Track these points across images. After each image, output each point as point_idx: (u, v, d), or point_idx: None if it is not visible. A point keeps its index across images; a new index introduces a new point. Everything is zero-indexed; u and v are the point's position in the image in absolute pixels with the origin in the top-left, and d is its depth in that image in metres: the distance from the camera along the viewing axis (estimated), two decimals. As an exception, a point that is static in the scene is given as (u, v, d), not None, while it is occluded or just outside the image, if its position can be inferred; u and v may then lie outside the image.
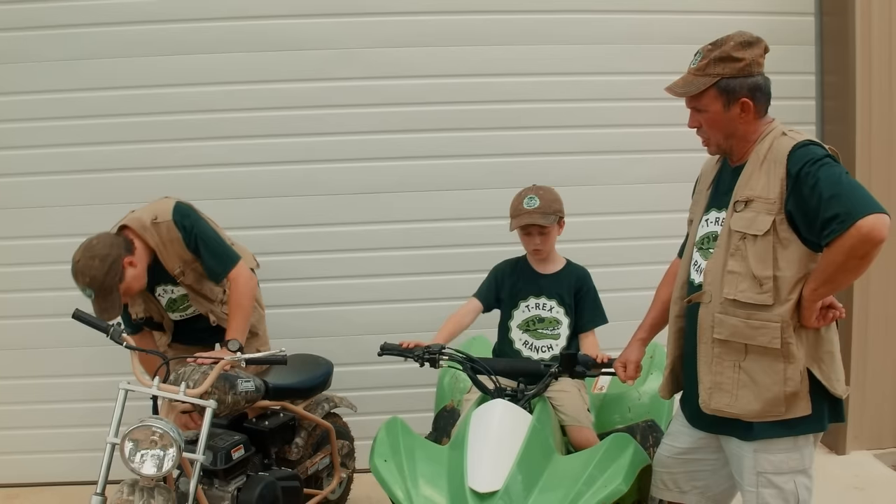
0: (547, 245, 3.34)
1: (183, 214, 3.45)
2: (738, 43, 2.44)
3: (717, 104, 2.47)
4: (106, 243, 3.27)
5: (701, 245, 2.61)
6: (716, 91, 2.46)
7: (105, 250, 3.24)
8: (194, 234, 3.44)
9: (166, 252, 3.44)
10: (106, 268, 3.21)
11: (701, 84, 2.47)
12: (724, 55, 2.43)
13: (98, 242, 3.27)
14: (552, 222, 3.26)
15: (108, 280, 3.22)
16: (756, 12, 4.60)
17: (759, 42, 2.47)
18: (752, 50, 2.44)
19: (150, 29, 4.44)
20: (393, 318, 4.62)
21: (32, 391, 4.64)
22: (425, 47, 4.53)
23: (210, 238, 3.49)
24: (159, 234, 3.41)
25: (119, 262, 3.26)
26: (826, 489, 3.97)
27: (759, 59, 2.46)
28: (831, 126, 4.70)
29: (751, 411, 2.43)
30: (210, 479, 3.17)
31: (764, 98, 2.49)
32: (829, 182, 2.26)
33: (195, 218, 3.49)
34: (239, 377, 3.18)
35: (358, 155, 4.56)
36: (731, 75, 2.43)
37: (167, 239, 3.42)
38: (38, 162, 4.50)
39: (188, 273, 3.51)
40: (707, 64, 2.46)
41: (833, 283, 2.32)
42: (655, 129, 4.60)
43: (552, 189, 3.34)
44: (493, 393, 2.92)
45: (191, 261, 3.49)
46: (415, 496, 2.50)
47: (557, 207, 3.28)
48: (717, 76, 2.44)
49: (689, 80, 2.51)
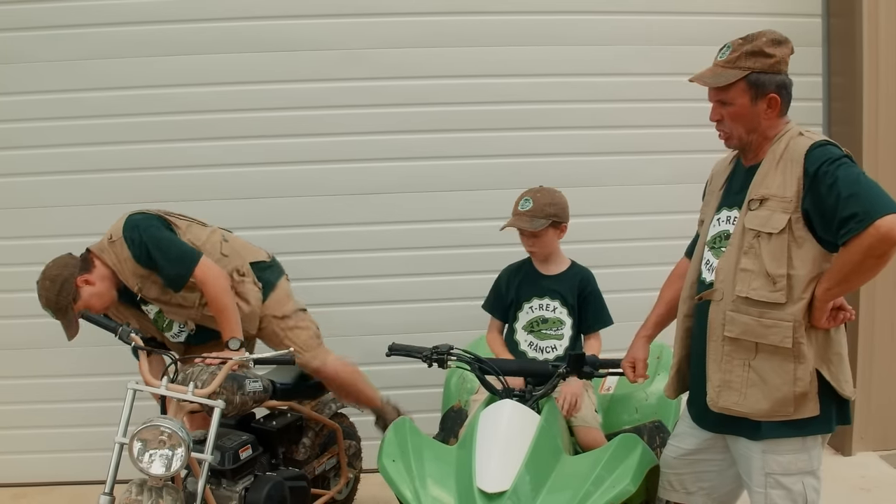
0: (539, 247, 3.33)
1: (132, 227, 3.34)
2: (771, 40, 2.45)
3: (744, 97, 2.47)
4: (59, 264, 3.29)
5: (713, 244, 2.61)
6: (745, 84, 2.46)
7: (56, 271, 3.26)
8: (144, 244, 3.31)
9: (123, 270, 3.35)
10: (57, 288, 3.22)
11: (731, 76, 2.46)
12: (757, 49, 2.44)
13: (52, 265, 3.29)
14: (538, 227, 3.23)
15: (61, 300, 3.23)
16: (764, 14, 4.59)
17: (787, 42, 2.48)
18: (782, 48, 2.46)
19: (152, 29, 4.45)
20: (401, 318, 4.64)
21: (40, 391, 4.65)
22: (432, 48, 4.54)
23: (162, 242, 3.34)
24: (115, 253, 3.35)
25: (70, 282, 3.24)
26: (832, 491, 3.97)
27: (786, 59, 2.47)
28: (838, 128, 4.70)
29: (759, 410, 2.43)
30: (218, 478, 3.17)
31: (788, 97, 2.50)
32: (847, 181, 2.26)
33: (144, 226, 3.35)
34: (247, 377, 3.19)
35: (366, 155, 4.57)
36: (761, 70, 2.44)
37: (122, 258, 3.34)
38: (39, 162, 4.51)
39: (148, 286, 3.40)
40: (738, 57, 2.45)
41: (847, 282, 2.33)
42: (665, 131, 4.61)
43: (555, 193, 3.32)
44: (502, 393, 2.93)
45: (147, 274, 3.37)
46: (423, 496, 2.50)
47: (552, 212, 3.25)
48: (748, 70, 2.44)
49: (717, 71, 2.50)
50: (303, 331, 3.67)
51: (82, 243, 3.31)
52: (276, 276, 3.72)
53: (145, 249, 3.31)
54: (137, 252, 3.31)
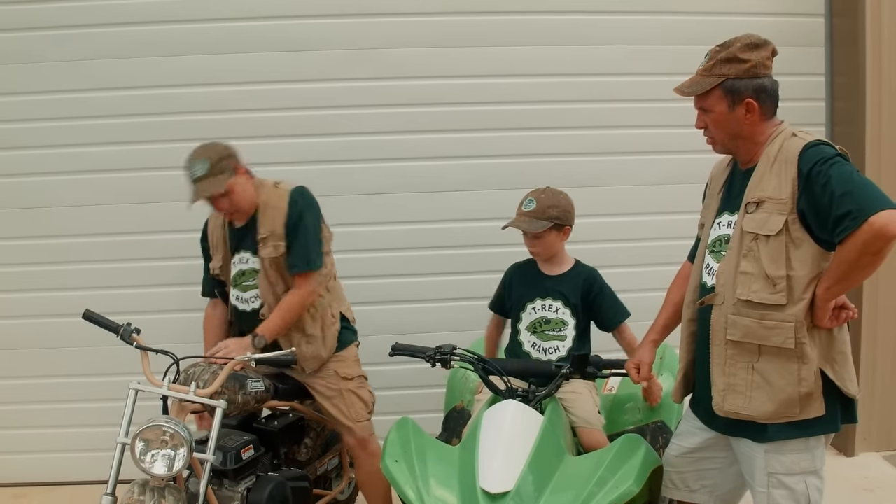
0: (541, 248, 3.31)
1: (302, 194, 3.41)
2: (745, 45, 2.46)
3: (722, 104, 2.49)
4: (227, 145, 3.37)
5: (713, 248, 2.62)
6: (721, 91, 2.48)
7: (223, 147, 3.34)
8: (301, 213, 3.36)
9: (266, 213, 3.38)
10: (226, 153, 3.32)
11: (707, 84, 2.49)
12: (731, 56, 2.45)
13: (218, 143, 3.37)
14: (538, 228, 3.21)
15: (224, 164, 3.29)
16: (766, 14, 4.59)
17: (766, 44, 2.48)
18: (758, 52, 2.46)
19: (158, 29, 4.46)
20: (404, 318, 4.65)
21: (42, 391, 4.65)
22: (436, 48, 4.54)
23: (314, 227, 3.40)
24: (270, 194, 3.40)
25: (234, 159, 3.34)
26: (835, 491, 3.95)
27: (765, 62, 2.47)
28: (841, 127, 4.69)
29: (764, 413, 2.43)
30: (220, 479, 3.17)
31: (770, 100, 2.50)
32: (840, 179, 2.27)
33: (310, 202, 3.42)
34: (248, 377, 3.18)
35: (370, 155, 4.58)
36: (736, 76, 2.45)
37: (275, 203, 3.37)
38: (44, 162, 4.52)
39: (269, 245, 3.38)
40: (714, 65, 2.48)
41: (846, 281, 2.32)
42: (668, 131, 4.60)
43: (560, 195, 3.30)
44: (505, 393, 2.92)
45: (279, 236, 3.37)
46: (426, 496, 2.49)
47: (554, 214, 3.22)
48: (723, 77, 2.46)
49: (695, 80, 2.53)
50: (359, 400, 3.61)
51: (89, 243, 3.31)
52: (352, 337, 3.70)
53: (299, 217, 3.36)
54: (290, 214, 3.37)
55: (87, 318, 3.15)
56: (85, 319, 3.14)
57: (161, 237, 4.54)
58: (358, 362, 3.66)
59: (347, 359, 3.59)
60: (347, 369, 3.57)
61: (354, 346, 3.68)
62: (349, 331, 3.66)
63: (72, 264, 4.55)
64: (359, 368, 3.65)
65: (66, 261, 4.53)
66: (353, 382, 3.58)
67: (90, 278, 4.54)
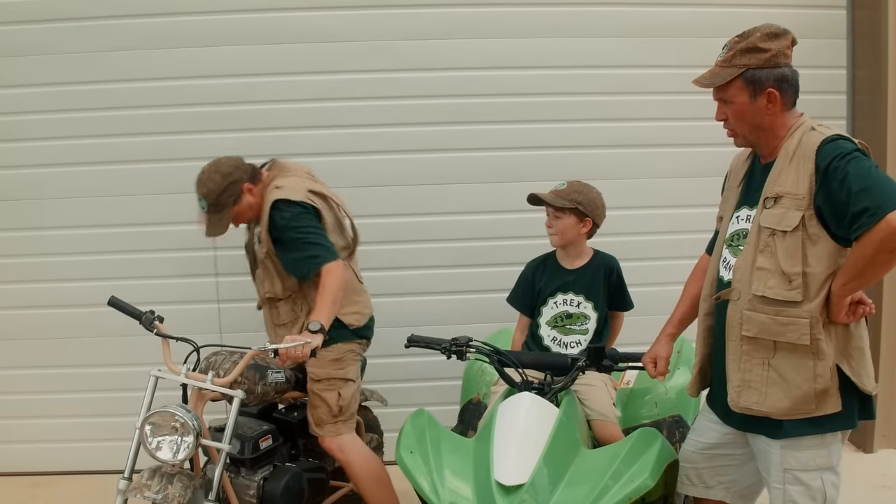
0: (556, 229, 3.30)
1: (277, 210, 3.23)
2: (765, 34, 2.43)
3: (743, 95, 2.46)
4: (233, 164, 3.30)
5: (731, 242, 2.60)
6: (742, 82, 2.45)
7: (229, 169, 3.27)
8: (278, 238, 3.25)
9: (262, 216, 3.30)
10: (225, 185, 3.23)
11: (727, 75, 2.46)
12: (751, 46, 2.43)
13: (226, 161, 3.31)
14: (559, 205, 3.23)
15: (223, 198, 3.24)
16: (788, 6, 4.55)
17: (785, 34, 2.45)
18: (778, 41, 2.43)
19: (168, 21, 4.45)
20: (420, 310, 4.65)
21: (60, 380, 4.69)
22: (451, 39, 4.53)
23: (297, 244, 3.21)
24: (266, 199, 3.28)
25: (238, 185, 3.27)
26: (853, 488, 3.94)
27: (785, 51, 2.45)
28: (862, 121, 4.65)
29: (780, 409, 2.42)
30: (237, 467, 3.20)
31: (791, 90, 2.47)
32: (858, 176, 2.24)
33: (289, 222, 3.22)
34: (269, 368, 3.20)
35: (384, 147, 4.58)
36: (757, 66, 2.43)
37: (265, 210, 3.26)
38: (61, 153, 4.52)
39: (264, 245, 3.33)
40: (733, 55, 2.46)
41: (862, 277, 2.30)
42: (686, 123, 4.59)
43: (592, 189, 3.32)
44: (520, 386, 2.93)
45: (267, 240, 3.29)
46: (440, 488, 2.50)
47: (578, 199, 3.24)
48: (744, 67, 2.44)
49: (715, 71, 2.51)
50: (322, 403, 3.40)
51: (96, 234, 3.31)
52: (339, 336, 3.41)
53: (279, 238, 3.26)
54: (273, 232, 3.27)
55: (112, 304, 3.20)
56: (110, 306, 3.19)
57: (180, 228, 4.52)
58: (338, 363, 3.40)
59: (322, 358, 3.31)
60: (318, 370, 3.37)
61: (342, 345, 3.42)
62: (338, 329, 3.38)
63: (89, 255, 4.56)
64: (335, 370, 3.39)
65: (85, 251, 4.54)
66: (321, 384, 3.37)
67: (110, 269, 4.56)
